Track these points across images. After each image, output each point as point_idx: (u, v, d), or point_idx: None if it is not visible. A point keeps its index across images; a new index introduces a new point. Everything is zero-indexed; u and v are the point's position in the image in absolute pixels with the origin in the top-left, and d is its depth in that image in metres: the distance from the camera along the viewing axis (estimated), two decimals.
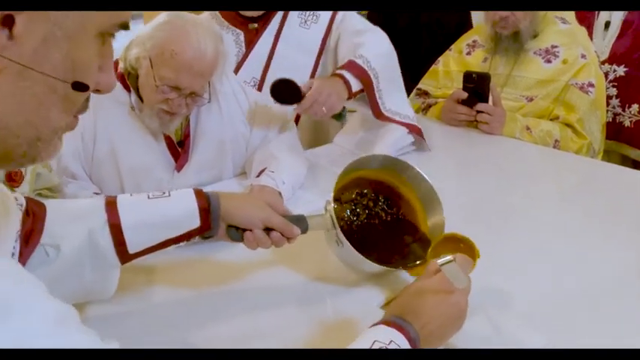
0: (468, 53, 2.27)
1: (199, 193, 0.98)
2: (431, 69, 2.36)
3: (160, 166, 1.49)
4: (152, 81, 1.33)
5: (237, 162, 1.64)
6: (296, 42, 1.89)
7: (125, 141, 1.43)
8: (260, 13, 1.89)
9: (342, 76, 1.63)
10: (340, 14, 1.89)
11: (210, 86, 1.45)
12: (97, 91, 0.63)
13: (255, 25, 1.91)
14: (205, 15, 1.98)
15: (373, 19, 2.63)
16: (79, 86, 0.58)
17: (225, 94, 1.57)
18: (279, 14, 1.91)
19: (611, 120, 2.29)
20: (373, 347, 0.73)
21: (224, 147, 1.58)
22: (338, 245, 1.08)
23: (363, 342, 0.74)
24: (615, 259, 1.24)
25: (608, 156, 2.27)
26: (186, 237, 0.97)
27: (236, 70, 1.89)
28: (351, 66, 1.67)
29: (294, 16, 1.91)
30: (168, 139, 1.49)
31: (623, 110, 2.30)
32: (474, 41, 2.27)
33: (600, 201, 1.53)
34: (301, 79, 1.80)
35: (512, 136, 1.99)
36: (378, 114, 1.72)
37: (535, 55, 2.10)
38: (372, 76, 1.68)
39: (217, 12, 1.98)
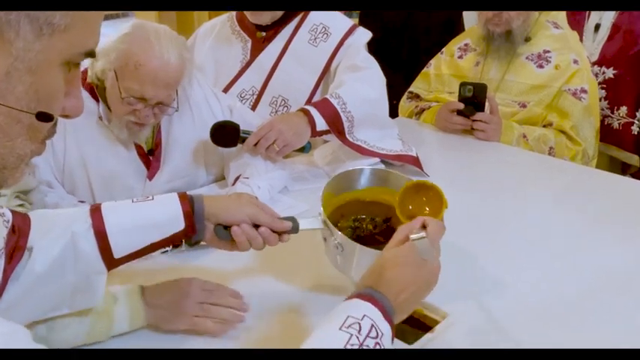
0: (460, 57, 2.24)
1: (183, 196, 0.97)
2: (422, 72, 2.34)
3: (131, 174, 1.50)
4: (118, 92, 1.34)
5: (211, 169, 1.63)
6: (301, 58, 1.81)
7: (95, 150, 1.44)
8: (270, 22, 1.81)
9: (307, 113, 1.55)
10: (350, 40, 1.81)
11: (180, 94, 1.45)
12: (65, 116, 0.63)
13: (264, 33, 1.83)
14: (222, 17, 1.95)
15: (365, 21, 2.61)
16: (44, 116, 0.58)
17: (197, 100, 1.57)
18: (290, 27, 1.83)
19: (600, 122, 2.25)
20: (347, 323, 0.72)
21: (197, 154, 1.58)
22: (337, 249, 1.02)
23: (336, 318, 0.74)
24: (606, 262, 1.29)
25: (598, 158, 2.24)
26: (172, 240, 0.96)
27: (237, 77, 1.83)
28: (322, 104, 1.57)
29: (304, 31, 1.82)
30: (138, 148, 1.50)
31: (612, 112, 2.28)
32: (466, 44, 2.24)
33: (593, 207, 1.56)
34: (300, 95, 1.79)
35: (509, 145, 1.97)
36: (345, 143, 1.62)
37: (527, 60, 2.07)
38: (343, 120, 1.58)
39: (233, 15, 1.92)
